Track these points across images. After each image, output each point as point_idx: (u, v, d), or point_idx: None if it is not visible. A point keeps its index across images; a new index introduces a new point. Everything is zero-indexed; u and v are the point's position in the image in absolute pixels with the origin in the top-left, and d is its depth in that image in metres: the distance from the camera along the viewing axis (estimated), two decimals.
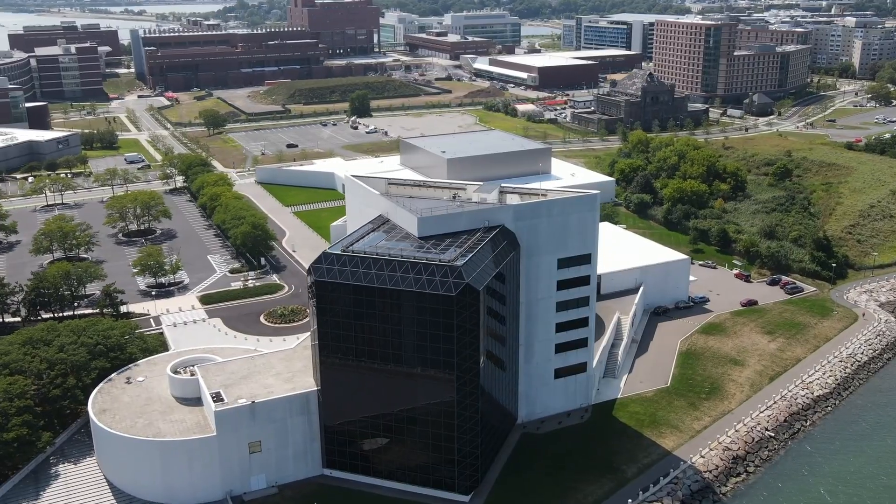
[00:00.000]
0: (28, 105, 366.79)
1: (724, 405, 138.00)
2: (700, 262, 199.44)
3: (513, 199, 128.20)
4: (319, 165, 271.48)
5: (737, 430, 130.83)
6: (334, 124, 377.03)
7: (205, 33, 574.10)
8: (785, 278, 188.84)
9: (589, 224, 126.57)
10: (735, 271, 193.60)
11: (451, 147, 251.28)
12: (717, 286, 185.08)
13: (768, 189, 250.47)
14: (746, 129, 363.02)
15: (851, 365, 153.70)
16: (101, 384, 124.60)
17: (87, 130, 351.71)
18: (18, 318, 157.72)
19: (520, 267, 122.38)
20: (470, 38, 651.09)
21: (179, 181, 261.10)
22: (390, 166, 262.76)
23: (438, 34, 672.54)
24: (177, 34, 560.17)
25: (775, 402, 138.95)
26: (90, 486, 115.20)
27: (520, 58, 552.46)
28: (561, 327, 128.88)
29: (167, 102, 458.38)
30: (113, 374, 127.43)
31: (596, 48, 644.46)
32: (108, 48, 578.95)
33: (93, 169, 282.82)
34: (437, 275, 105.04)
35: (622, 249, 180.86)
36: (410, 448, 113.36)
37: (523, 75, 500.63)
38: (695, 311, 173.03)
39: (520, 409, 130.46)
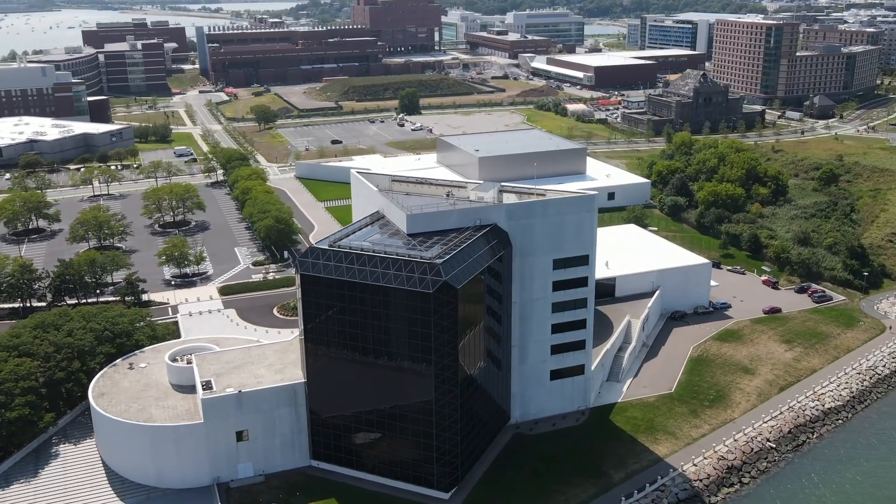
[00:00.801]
0: (90, 99, 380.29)
1: (726, 414, 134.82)
2: (728, 268, 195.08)
3: (510, 199, 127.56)
4: (357, 162, 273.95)
5: (735, 440, 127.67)
6: (382, 121, 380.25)
7: (266, 30, 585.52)
8: (814, 286, 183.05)
9: (586, 225, 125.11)
10: (763, 278, 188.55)
11: (485, 146, 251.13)
12: (742, 292, 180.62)
13: (812, 194, 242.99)
14: (802, 133, 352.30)
15: (870, 378, 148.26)
16: (105, 369, 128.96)
17: (145, 124, 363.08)
18: (44, 304, 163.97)
19: (512, 266, 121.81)
20: (530, 37, 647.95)
21: (220, 174, 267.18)
22: (427, 164, 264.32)
23: (499, 33, 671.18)
24: (239, 31, 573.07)
25: (781, 413, 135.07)
26: (87, 468, 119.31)
27: (577, 57, 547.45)
28: (557, 328, 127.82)
29: (226, 98, 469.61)
30: (118, 360, 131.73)
31: (660, 48, 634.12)
32: (174, 44, 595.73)
33: (143, 161, 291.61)
34: (417, 272, 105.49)
35: (641, 252, 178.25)
36: (393, 443, 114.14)
37: (579, 75, 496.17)
38: (714, 317, 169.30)
39: (514, 408, 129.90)
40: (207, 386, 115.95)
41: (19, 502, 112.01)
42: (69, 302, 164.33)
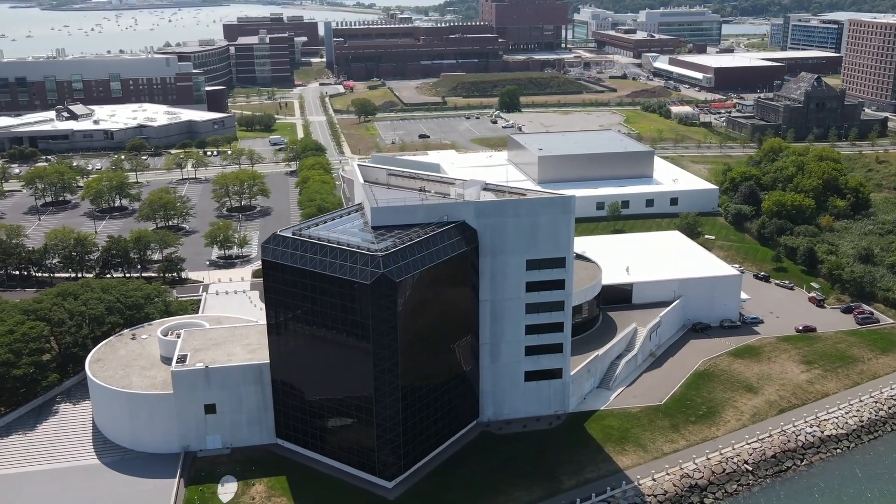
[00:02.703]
0: (208, 88, 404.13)
1: (710, 431, 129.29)
2: (777, 282, 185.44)
3: (487, 197, 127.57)
4: (430, 157, 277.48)
5: (708, 459, 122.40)
6: (477, 118, 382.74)
7: (389, 26, 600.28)
8: (863, 307, 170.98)
9: (561, 227, 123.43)
10: (809, 294, 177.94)
11: (550, 145, 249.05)
12: (781, 308, 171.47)
13: None
14: None
15: (889, 408, 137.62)
16: (110, 337, 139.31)
17: (257, 113, 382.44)
18: (91, 275, 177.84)
19: (481, 264, 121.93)
20: (657, 36, 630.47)
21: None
22: (497, 161, 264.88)
23: (626, 31, 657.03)
24: (364, 27, 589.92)
25: (770, 436, 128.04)
26: (79, 426, 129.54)
27: (698, 58, 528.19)
28: (532, 330, 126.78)
29: (342, 90, 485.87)
30: (125, 330, 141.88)
31: (803, 48, 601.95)
32: (304, 38, 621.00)
33: (239, 148, 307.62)
34: (359, 263, 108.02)
35: (671, 260, 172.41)
36: (344, 429, 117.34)
37: (698, 76, 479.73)
38: (740, 331, 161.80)
39: (485, 407, 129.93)
40: (181, 360, 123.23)
41: (12, 451, 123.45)
42: (115, 275, 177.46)
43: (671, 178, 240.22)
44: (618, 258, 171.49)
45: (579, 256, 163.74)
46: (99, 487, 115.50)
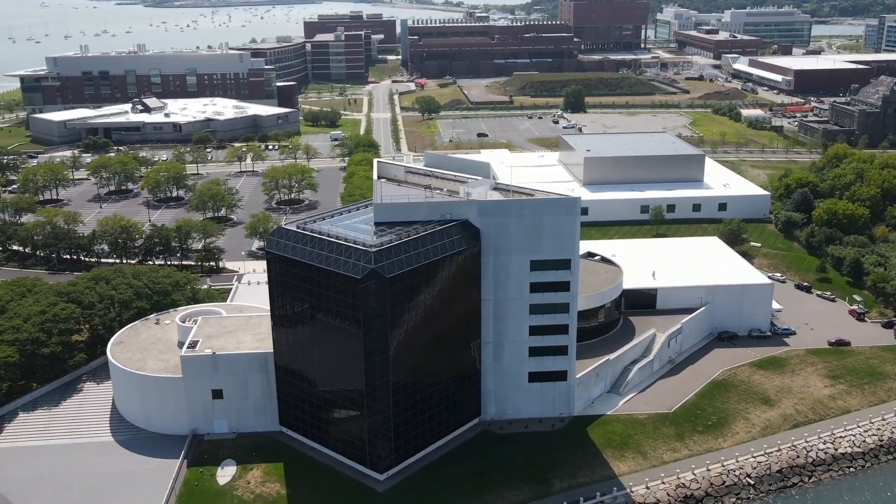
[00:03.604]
0: (279, 84, 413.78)
1: (715, 442, 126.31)
2: (818, 293, 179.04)
3: (495, 197, 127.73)
4: (483, 155, 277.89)
5: (708, 470, 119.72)
6: (540, 118, 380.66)
7: (464, 24, 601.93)
8: None
9: (566, 228, 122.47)
10: (850, 307, 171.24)
11: (598, 146, 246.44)
12: (818, 320, 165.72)
13: None
14: None
15: None
16: (136, 321, 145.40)
17: (325, 109, 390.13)
18: (135, 261, 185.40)
19: (483, 263, 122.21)
20: (739, 36, 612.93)
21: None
22: (548, 161, 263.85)
23: (708, 31, 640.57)
24: (439, 24, 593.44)
25: (778, 450, 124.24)
26: (99, 405, 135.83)
27: (779, 59, 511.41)
28: (536, 331, 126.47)
29: (413, 88, 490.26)
30: (151, 315, 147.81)
31: None
32: (381, 36, 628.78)
33: (300, 143, 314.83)
34: (353, 257, 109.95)
35: (699, 265, 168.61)
36: (340, 421, 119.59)
37: (777, 78, 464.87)
38: (769, 342, 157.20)
39: (488, 406, 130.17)
40: (192, 345, 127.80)
41: (35, 424, 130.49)
42: (155, 262, 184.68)
43: (722, 182, 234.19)
44: (648, 262, 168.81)
45: (603, 259, 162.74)
46: (107, 464, 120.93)
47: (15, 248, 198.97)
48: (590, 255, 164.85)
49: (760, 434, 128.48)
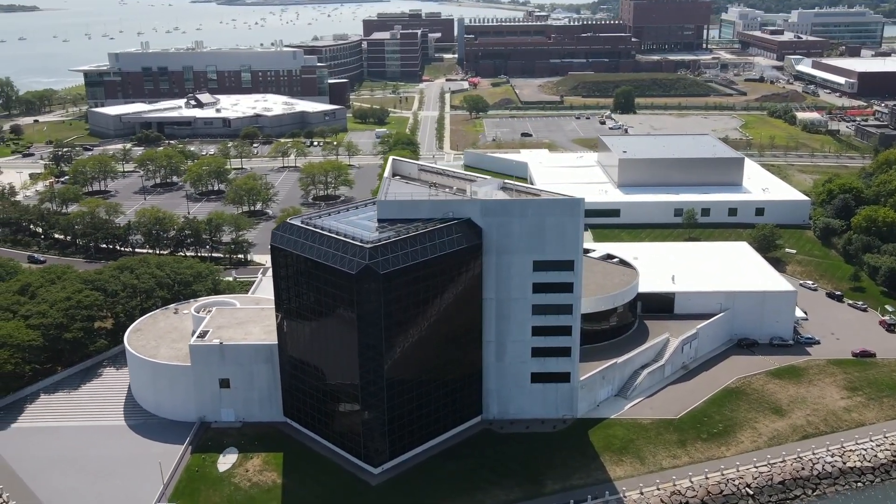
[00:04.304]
0: (331, 81, 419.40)
1: (718, 450, 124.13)
2: (850, 302, 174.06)
3: (501, 197, 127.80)
4: (523, 155, 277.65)
5: (706, 478, 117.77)
6: (587, 118, 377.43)
7: (521, 24, 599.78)
8: None
9: (569, 229, 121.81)
10: (882, 317, 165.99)
11: (636, 147, 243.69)
12: (845, 330, 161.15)
13: None
14: None
15: None
16: (156, 310, 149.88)
17: (375, 107, 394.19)
18: (167, 252, 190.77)
19: (485, 262, 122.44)
20: (804, 37, 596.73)
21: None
22: (586, 162, 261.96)
23: (772, 32, 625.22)
24: (495, 24, 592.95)
25: (783, 461, 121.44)
26: (116, 390, 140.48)
27: (844, 61, 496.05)
28: (538, 331, 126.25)
29: (466, 87, 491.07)
30: (172, 304, 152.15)
31: None
32: (438, 35, 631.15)
33: (344, 140, 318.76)
34: (349, 253, 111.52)
35: (723, 270, 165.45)
36: (336, 413, 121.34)
37: (840, 80, 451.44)
38: (790, 351, 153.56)
39: (490, 404, 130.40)
40: (202, 335, 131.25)
41: (54, 406, 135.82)
42: (186, 253, 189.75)
43: (761, 186, 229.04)
44: (670, 266, 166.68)
45: (622, 261, 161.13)
46: (116, 446, 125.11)
47: (57, 236, 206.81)
48: (609, 256, 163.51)
49: (766, 444, 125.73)
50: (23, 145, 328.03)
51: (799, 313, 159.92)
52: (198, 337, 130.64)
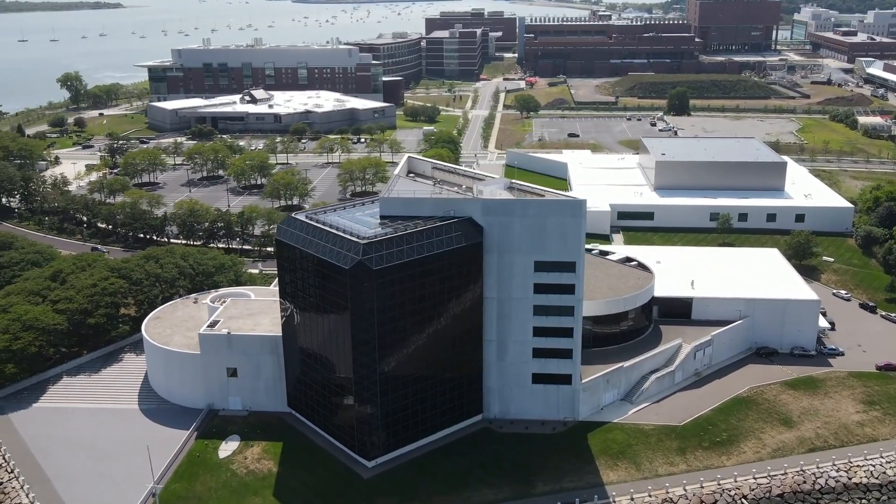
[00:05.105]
0: (385, 79, 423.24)
1: (718, 460, 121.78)
2: (883, 313, 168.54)
3: (506, 196, 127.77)
4: (565, 155, 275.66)
5: (701, 487, 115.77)
6: (639, 119, 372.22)
7: (582, 23, 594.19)
8: None
9: (571, 230, 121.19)
10: None
11: (675, 150, 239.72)
12: (873, 342, 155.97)
13: None
14: None
15: None
16: (177, 299, 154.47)
17: (428, 105, 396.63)
18: (199, 243, 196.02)
19: (486, 261, 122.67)
20: (877, 39, 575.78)
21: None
22: (627, 164, 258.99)
23: (845, 33, 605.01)
24: (556, 23, 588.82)
25: (784, 474, 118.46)
26: (134, 375, 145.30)
27: None
28: (540, 332, 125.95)
29: (523, 86, 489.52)
30: (193, 294, 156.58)
31: None
32: (499, 33, 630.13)
33: (389, 137, 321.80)
34: (344, 248, 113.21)
35: (746, 277, 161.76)
36: (333, 406, 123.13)
37: None
38: (811, 361, 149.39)
39: (491, 403, 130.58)
40: (212, 325, 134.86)
41: (74, 388, 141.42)
42: (218, 245, 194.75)
43: (804, 192, 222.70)
44: (693, 271, 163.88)
45: (640, 265, 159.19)
46: (125, 429, 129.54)
47: (100, 225, 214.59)
48: (627, 259, 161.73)
49: (770, 455, 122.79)
50: (84, 137, 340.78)
51: (824, 323, 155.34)
52: (208, 326, 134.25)
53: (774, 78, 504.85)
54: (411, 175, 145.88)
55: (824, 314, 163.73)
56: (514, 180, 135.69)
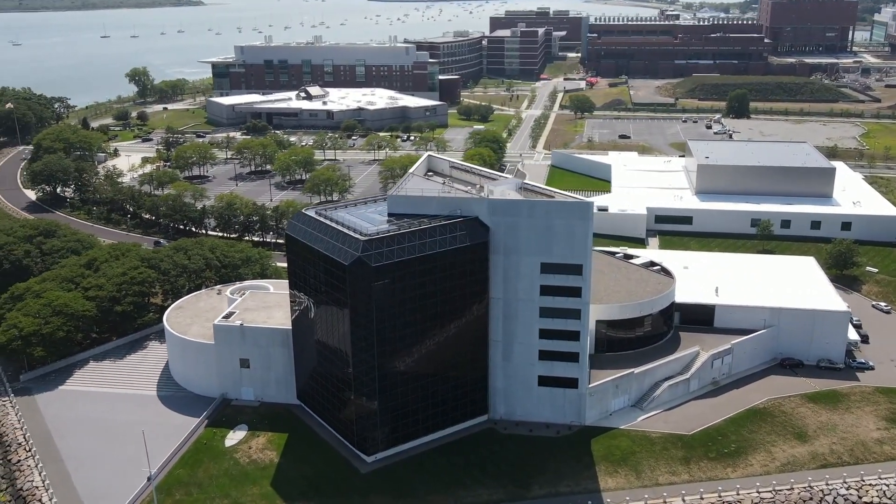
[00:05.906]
0: (441, 77, 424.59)
1: (723, 471, 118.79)
2: None
3: (518, 197, 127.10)
4: (610, 157, 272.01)
5: (701, 499, 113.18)
6: (694, 122, 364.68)
7: (647, 23, 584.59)
8: None
9: (578, 232, 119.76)
10: None
11: (720, 153, 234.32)
12: None
13: None
14: None
15: None
16: (201, 290, 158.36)
17: (483, 104, 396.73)
18: (234, 235, 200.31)
19: (492, 261, 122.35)
20: None
21: None
22: (672, 167, 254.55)
23: None
24: (620, 23, 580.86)
25: (790, 489, 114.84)
26: (156, 362, 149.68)
27: None
28: (545, 334, 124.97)
29: (583, 86, 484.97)
30: (217, 286, 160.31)
31: None
32: (563, 33, 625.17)
33: (438, 136, 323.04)
34: (346, 244, 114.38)
35: (776, 285, 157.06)
36: (336, 400, 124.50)
37: None
38: (838, 375, 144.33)
39: (496, 404, 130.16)
40: (227, 316, 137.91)
41: (98, 372, 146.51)
42: (253, 239, 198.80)
43: (852, 200, 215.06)
44: (720, 278, 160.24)
45: (663, 269, 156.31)
46: (140, 414, 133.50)
47: (145, 216, 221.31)
48: (651, 264, 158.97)
49: (778, 469, 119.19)
50: (144, 131, 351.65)
51: (853, 335, 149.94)
52: (223, 317, 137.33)
53: (846, 81, 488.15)
54: (429, 173, 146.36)
55: (858, 327, 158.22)
56: (525, 181, 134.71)
